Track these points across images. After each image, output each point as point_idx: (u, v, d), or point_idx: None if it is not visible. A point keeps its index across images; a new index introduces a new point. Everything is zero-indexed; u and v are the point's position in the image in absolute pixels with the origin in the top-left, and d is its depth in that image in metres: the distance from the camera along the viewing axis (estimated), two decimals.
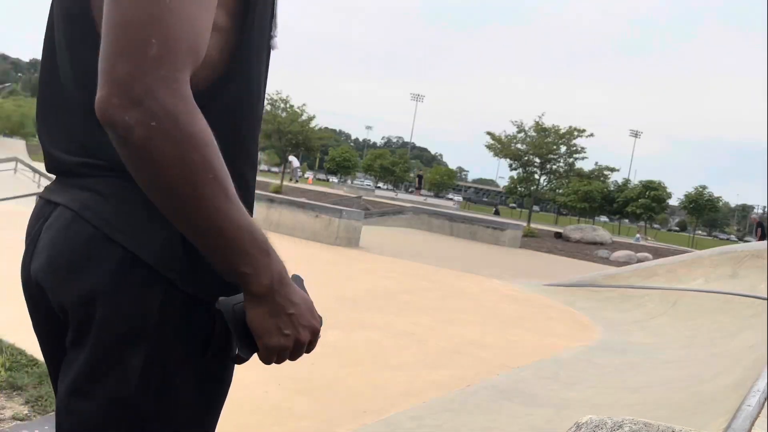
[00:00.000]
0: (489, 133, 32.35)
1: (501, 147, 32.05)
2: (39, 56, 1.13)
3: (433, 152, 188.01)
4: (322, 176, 74.40)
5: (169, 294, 0.87)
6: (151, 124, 0.73)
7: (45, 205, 0.97)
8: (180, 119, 0.74)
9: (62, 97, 0.96)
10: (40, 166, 25.74)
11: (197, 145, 0.75)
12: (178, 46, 0.75)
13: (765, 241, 8.67)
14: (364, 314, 5.65)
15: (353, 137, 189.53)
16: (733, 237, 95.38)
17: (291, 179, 36.84)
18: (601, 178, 39.51)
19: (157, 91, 0.73)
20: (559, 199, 40.91)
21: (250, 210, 0.95)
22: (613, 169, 37.58)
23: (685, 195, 45.95)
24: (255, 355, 0.93)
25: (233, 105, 0.92)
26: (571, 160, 32.57)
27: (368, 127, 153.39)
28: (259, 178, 11.38)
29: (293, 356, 0.91)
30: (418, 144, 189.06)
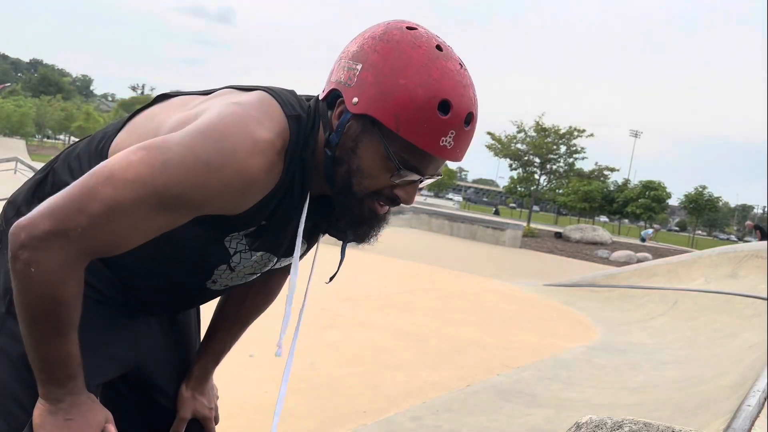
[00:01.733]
0: (489, 133, 32.37)
1: (501, 147, 32.08)
2: (39, 56, 1.19)
3: None
4: None
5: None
6: (31, 269, 0.99)
7: None
8: (51, 278, 1.00)
9: None
10: (40, 166, 25.61)
11: (51, 297, 1.01)
12: (90, 240, 1.01)
13: (765, 242, 8.66)
14: (364, 314, 5.66)
15: None
16: (733, 237, 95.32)
17: None
18: (601, 178, 39.52)
19: (53, 252, 0.99)
20: (559, 199, 40.92)
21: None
22: (613, 169, 37.58)
23: (685, 195, 45.99)
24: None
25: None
26: (571, 160, 32.61)
27: None
28: None
29: None
30: None
